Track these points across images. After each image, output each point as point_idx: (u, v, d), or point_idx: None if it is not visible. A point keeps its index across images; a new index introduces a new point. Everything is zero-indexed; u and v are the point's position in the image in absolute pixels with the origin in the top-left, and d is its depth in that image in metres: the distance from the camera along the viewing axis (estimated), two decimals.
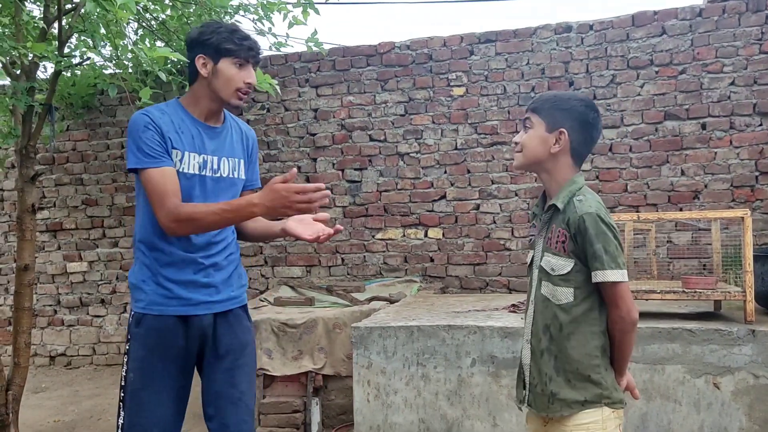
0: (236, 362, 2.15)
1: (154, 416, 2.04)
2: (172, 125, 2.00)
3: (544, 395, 1.69)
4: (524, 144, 1.75)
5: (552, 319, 1.69)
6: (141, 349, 2.04)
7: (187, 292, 2.03)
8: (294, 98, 5.11)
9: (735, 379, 2.39)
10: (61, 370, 5.55)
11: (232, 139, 2.13)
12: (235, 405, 2.15)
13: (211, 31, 2.04)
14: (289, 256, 5.14)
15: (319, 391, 4.03)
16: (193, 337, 2.07)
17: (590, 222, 1.61)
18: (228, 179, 2.10)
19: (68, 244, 5.60)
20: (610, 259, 1.60)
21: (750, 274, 2.46)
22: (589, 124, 1.74)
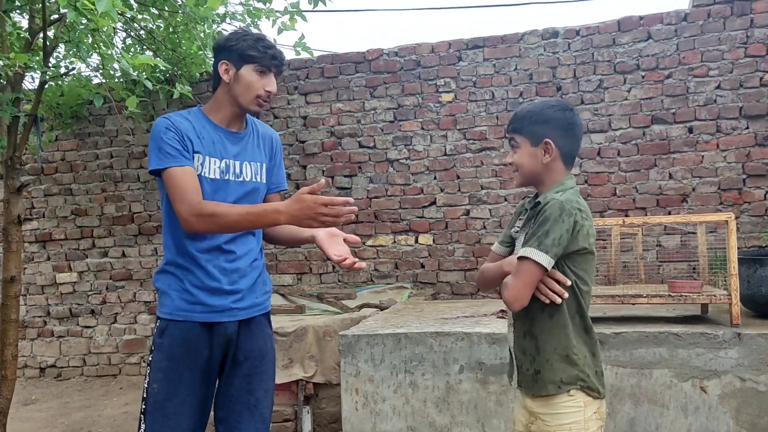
0: (255, 369, 2.14)
1: (179, 427, 2.03)
2: (194, 131, 2.02)
3: (529, 374, 1.76)
4: (518, 164, 1.81)
5: (532, 303, 1.72)
6: (165, 359, 2.03)
7: (213, 298, 2.02)
8: (283, 105, 5.11)
9: (722, 383, 2.39)
10: (51, 381, 5.51)
11: (254, 143, 2.13)
12: (251, 412, 2.14)
13: (237, 38, 2.07)
14: (280, 263, 5.12)
15: (310, 400, 4.01)
16: (217, 346, 2.06)
17: (553, 208, 1.65)
18: (251, 183, 2.10)
19: (57, 254, 5.57)
20: (541, 241, 1.64)
21: (735, 277, 2.46)
22: (568, 125, 1.77)
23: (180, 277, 2.07)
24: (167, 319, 2.08)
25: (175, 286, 2.08)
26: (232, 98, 2.08)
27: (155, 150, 2.00)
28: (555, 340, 1.72)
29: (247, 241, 2.15)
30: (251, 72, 2.04)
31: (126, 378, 5.45)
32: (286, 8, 4.27)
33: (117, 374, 5.52)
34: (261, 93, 2.05)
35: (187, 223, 1.95)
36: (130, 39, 4.55)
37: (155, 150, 2.00)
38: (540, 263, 1.63)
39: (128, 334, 5.49)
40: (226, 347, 2.11)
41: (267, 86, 2.06)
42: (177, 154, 1.98)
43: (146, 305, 5.48)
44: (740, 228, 4.23)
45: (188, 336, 2.06)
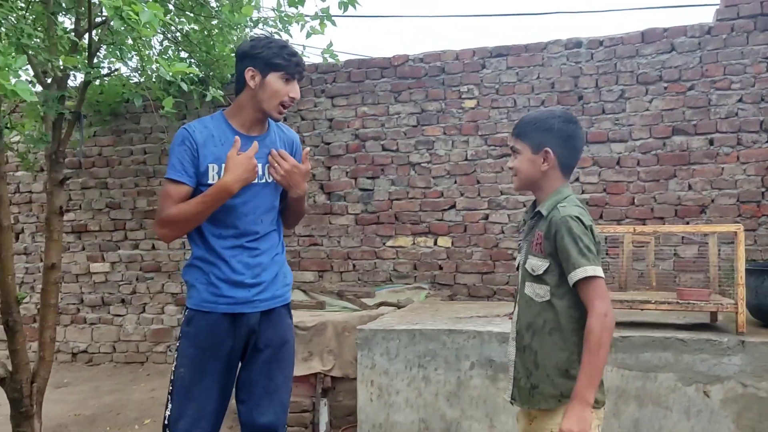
0: (275, 356, 2.29)
1: (202, 410, 2.20)
2: (213, 138, 2.16)
3: (525, 388, 1.82)
4: (517, 169, 1.91)
5: (534, 317, 1.82)
6: (191, 347, 2.20)
7: (237, 290, 2.18)
8: (310, 108, 5.27)
9: (724, 388, 2.47)
10: (83, 366, 5.75)
11: (275, 145, 2.27)
12: (270, 396, 2.29)
13: (262, 45, 2.20)
14: (303, 261, 5.28)
15: (328, 392, 4.16)
16: (240, 336, 2.22)
17: (569, 224, 1.74)
18: (272, 184, 2.25)
19: (92, 245, 5.81)
20: (583, 257, 1.70)
21: (741, 287, 2.54)
22: (569, 137, 1.87)
23: (206, 271, 2.23)
24: (194, 310, 2.24)
25: (202, 279, 2.24)
26: (256, 103, 2.21)
27: (170, 157, 2.20)
28: (556, 356, 1.78)
29: (269, 237, 2.31)
30: (277, 79, 2.18)
31: (153, 365, 5.66)
32: (316, 13, 4.42)
33: (144, 361, 5.73)
34: (285, 100, 2.20)
35: (158, 234, 2.22)
36: (167, 41, 4.75)
37: (170, 157, 2.20)
38: (596, 274, 1.69)
39: (156, 324, 5.70)
40: (248, 336, 2.27)
41: (291, 93, 2.20)
42: (180, 169, 2.15)
43: (173, 297, 5.68)
44: (757, 240, 4.28)
45: (213, 326, 2.22)
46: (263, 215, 2.28)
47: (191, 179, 2.17)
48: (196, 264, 2.27)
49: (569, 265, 1.72)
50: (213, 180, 2.18)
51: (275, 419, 2.30)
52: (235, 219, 2.22)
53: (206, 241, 2.24)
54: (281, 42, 2.24)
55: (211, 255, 2.22)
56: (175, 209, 2.15)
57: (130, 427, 4.52)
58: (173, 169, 2.17)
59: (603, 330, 1.68)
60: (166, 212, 2.15)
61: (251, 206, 2.24)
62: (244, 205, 2.23)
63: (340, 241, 5.23)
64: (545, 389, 1.79)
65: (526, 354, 1.85)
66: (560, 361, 1.78)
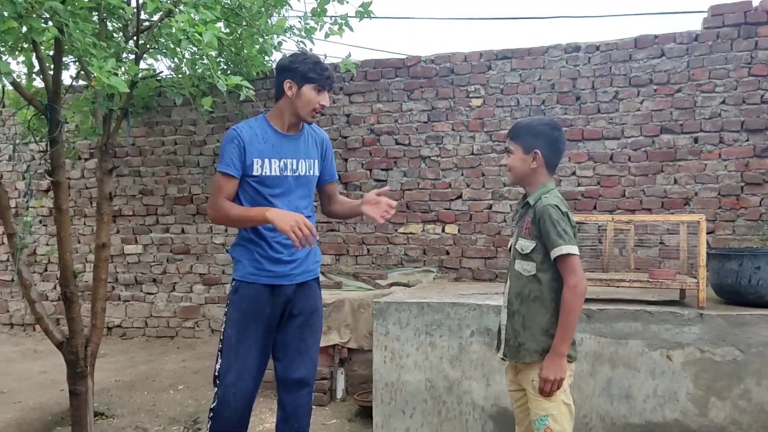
0: (306, 322, 2.73)
1: (246, 365, 2.64)
2: (257, 137, 2.60)
3: (514, 346, 2.27)
4: (511, 166, 2.35)
5: (522, 288, 2.27)
6: (237, 312, 2.65)
7: (276, 266, 2.62)
8: (329, 104, 5.70)
9: (685, 353, 2.90)
10: (117, 340, 6.25)
11: (307, 143, 2.71)
12: (302, 355, 2.74)
13: (299, 61, 2.63)
14: (321, 245, 5.73)
15: (344, 363, 4.63)
16: (278, 304, 2.66)
17: (550, 211, 2.18)
18: (305, 177, 2.69)
19: (126, 228, 6.30)
20: (560, 238, 2.14)
21: (703, 268, 2.97)
22: (554, 141, 2.31)
23: (251, 249, 2.68)
24: (240, 281, 2.70)
25: (247, 256, 2.69)
26: (292, 109, 2.65)
27: (221, 154, 2.64)
28: (538, 319, 2.22)
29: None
30: (311, 90, 2.62)
31: (182, 339, 6.16)
32: (336, 20, 4.85)
33: (174, 336, 6.23)
34: (317, 107, 2.63)
35: (208, 214, 2.68)
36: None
37: (221, 154, 2.64)
38: (573, 252, 2.14)
39: (185, 302, 6.19)
40: (285, 305, 2.72)
41: (322, 101, 2.64)
42: (230, 163, 2.59)
43: (201, 277, 6.16)
44: (736, 230, 4.69)
45: (256, 295, 2.67)
46: (297, 204, 2.72)
47: (238, 172, 2.62)
48: (242, 243, 2.72)
49: (550, 244, 2.17)
50: (257, 172, 2.62)
51: (306, 374, 2.76)
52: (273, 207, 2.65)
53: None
54: (315, 58, 2.68)
55: (255, 236, 2.67)
56: (224, 206, 2.59)
57: (165, 392, 5.00)
58: (224, 163, 2.62)
59: (573, 297, 2.13)
60: (218, 203, 2.61)
61: (287, 198, 2.68)
62: (282, 196, 2.67)
63: (356, 227, 5.68)
64: (530, 346, 2.24)
65: (515, 318, 2.30)
66: (542, 323, 2.23)
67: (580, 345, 3.00)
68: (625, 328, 2.97)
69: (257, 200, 2.64)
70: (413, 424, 3.24)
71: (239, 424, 2.68)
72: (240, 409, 2.65)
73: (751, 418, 2.83)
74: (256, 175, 2.61)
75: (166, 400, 4.88)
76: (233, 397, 2.63)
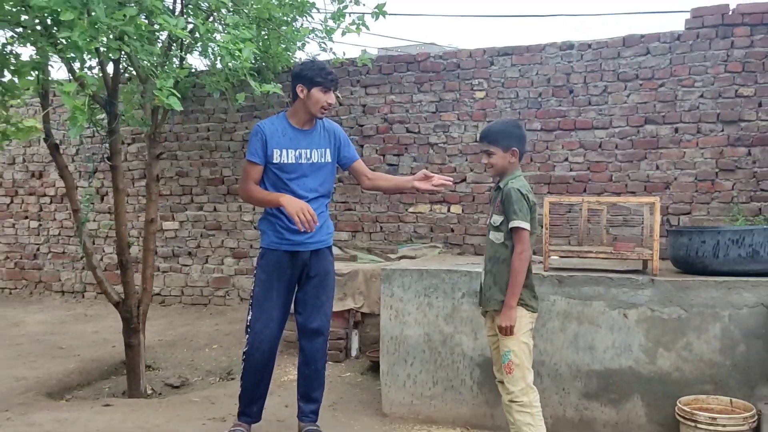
0: (321, 282, 3.37)
1: (270, 315, 3.30)
2: (278, 132, 3.22)
3: (486, 297, 2.90)
4: (494, 164, 2.95)
5: (494, 253, 2.89)
6: (263, 274, 3.30)
7: (294, 236, 3.25)
8: (346, 96, 6.30)
9: (638, 312, 3.47)
10: (158, 306, 6.96)
11: (320, 136, 3.33)
12: (318, 309, 3.38)
13: (308, 68, 3.24)
14: (339, 223, 6.37)
15: (358, 325, 5.28)
16: (296, 267, 3.30)
17: (512, 193, 2.79)
18: (318, 163, 3.29)
19: (164, 207, 6.98)
20: (515, 215, 2.76)
21: (657, 242, 3.52)
22: (522, 137, 2.93)
23: (273, 222, 3.32)
24: (265, 248, 3.34)
25: (271, 228, 3.33)
26: (305, 108, 3.26)
27: (249, 145, 3.26)
28: (504, 277, 2.85)
29: (316, 201, 3.35)
30: (318, 92, 3.21)
31: (214, 307, 6.86)
32: (353, 20, 5.43)
33: (207, 304, 6.93)
34: (324, 105, 3.23)
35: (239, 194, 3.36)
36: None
37: (249, 145, 3.26)
38: (526, 228, 2.76)
39: (216, 273, 6.88)
40: (302, 268, 3.35)
41: (328, 100, 3.23)
42: (255, 153, 3.22)
43: (231, 251, 6.84)
44: (710, 212, 5.22)
45: (278, 260, 3.31)
46: (310, 185, 3.30)
47: (261, 160, 3.24)
48: (267, 217, 3.36)
49: (508, 218, 2.78)
50: (276, 160, 3.22)
51: (321, 324, 3.40)
52: (289, 192, 3.24)
53: None
54: (321, 65, 3.27)
55: (277, 212, 3.29)
56: (250, 188, 3.22)
57: (201, 350, 5.71)
58: (250, 153, 3.25)
59: (518, 262, 2.79)
60: (246, 186, 3.25)
61: (301, 181, 3.28)
62: (297, 180, 3.27)
63: (370, 207, 6.30)
64: (497, 297, 2.88)
65: (488, 276, 2.93)
66: (506, 279, 2.85)
67: (552, 305, 3.60)
68: (590, 291, 3.55)
69: (277, 183, 3.26)
70: (413, 371, 3.87)
71: (266, 363, 3.34)
72: (266, 351, 3.30)
73: (691, 365, 3.41)
74: (276, 162, 3.23)
75: (203, 356, 5.58)
76: (261, 342, 3.29)
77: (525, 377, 2.84)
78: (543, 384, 3.60)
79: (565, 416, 3.59)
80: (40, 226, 7.55)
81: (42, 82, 4.18)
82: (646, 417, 3.46)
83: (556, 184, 5.62)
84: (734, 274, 3.42)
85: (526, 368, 2.85)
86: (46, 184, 7.51)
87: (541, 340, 3.60)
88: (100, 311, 6.89)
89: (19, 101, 4.64)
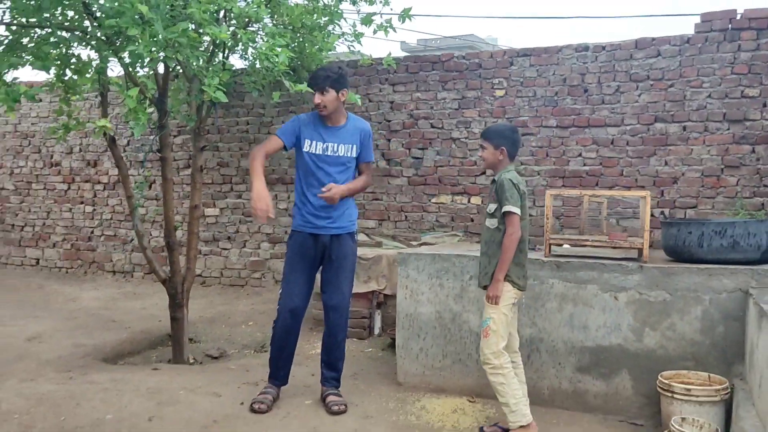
0: (341, 264, 3.81)
1: (294, 289, 3.78)
2: (311, 125, 3.72)
3: (482, 273, 3.36)
4: (485, 158, 3.43)
5: (489, 236, 3.32)
6: (290, 252, 3.80)
7: (317, 220, 3.72)
8: (375, 93, 6.74)
9: (627, 295, 3.84)
10: (198, 287, 7.52)
11: (349, 132, 3.77)
12: (336, 289, 3.84)
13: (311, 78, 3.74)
14: (366, 211, 6.82)
15: (381, 305, 5.74)
16: (319, 248, 3.77)
17: (504, 183, 3.22)
18: (342, 158, 3.73)
19: (206, 194, 7.54)
20: (507, 201, 3.19)
21: (647, 232, 3.88)
22: (514, 140, 3.34)
23: (300, 207, 3.79)
24: (293, 230, 3.82)
25: (298, 213, 3.81)
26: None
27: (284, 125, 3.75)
28: (496, 257, 3.28)
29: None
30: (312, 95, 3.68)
31: (251, 288, 7.41)
32: (381, 24, 5.85)
33: (244, 285, 7.48)
34: (314, 105, 3.69)
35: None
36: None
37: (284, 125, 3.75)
38: (516, 212, 3.19)
39: (253, 257, 7.42)
40: (323, 250, 3.81)
41: (315, 100, 3.68)
42: (285, 131, 3.73)
43: (267, 236, 7.37)
44: (715, 206, 5.51)
45: (303, 240, 3.79)
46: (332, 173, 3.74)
47: (286, 138, 3.72)
48: (296, 203, 3.84)
49: (501, 204, 3.21)
50: (306, 148, 3.71)
51: (338, 302, 3.85)
52: (315, 179, 3.72)
53: (302, 190, 3.80)
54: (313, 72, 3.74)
55: (303, 198, 3.77)
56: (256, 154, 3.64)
57: (238, 326, 6.25)
58: (281, 130, 3.75)
59: (508, 242, 3.23)
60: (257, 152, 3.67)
61: (324, 171, 3.73)
62: (321, 168, 3.73)
63: (396, 197, 6.74)
64: (490, 272, 3.31)
65: (485, 256, 3.38)
66: (497, 259, 3.28)
67: (551, 288, 3.99)
68: (585, 275, 3.93)
69: (306, 169, 3.75)
70: (425, 345, 4.32)
71: (288, 331, 3.83)
72: (289, 319, 3.78)
73: (674, 344, 3.77)
74: (305, 150, 3.73)
75: (240, 332, 6.12)
76: (284, 311, 3.79)
77: (498, 343, 3.31)
78: (541, 358, 4.01)
79: (560, 388, 3.99)
80: (94, 211, 8.22)
81: (103, 83, 4.73)
82: (633, 389, 3.83)
83: (570, 178, 5.97)
84: (717, 263, 3.76)
85: (500, 335, 3.31)
86: (100, 172, 8.17)
87: (540, 319, 4.01)
88: (146, 290, 7.51)
89: (78, 96, 5.22)
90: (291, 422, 3.66)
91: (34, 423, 3.55)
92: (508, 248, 3.23)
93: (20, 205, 8.64)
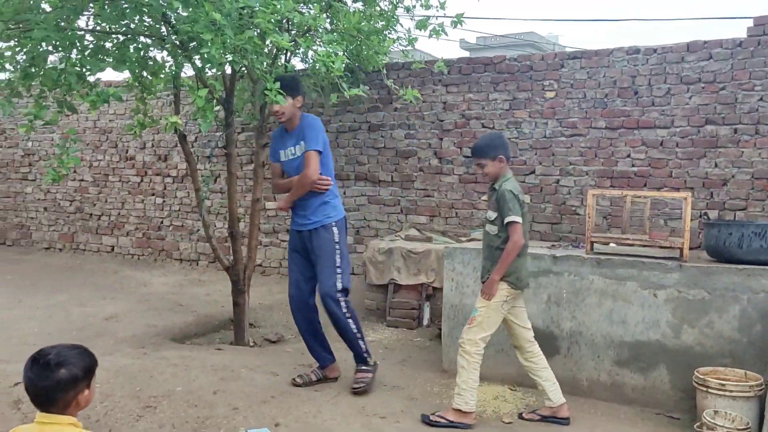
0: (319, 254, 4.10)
1: (291, 279, 4.28)
2: (278, 137, 4.22)
3: (484, 271, 3.64)
4: (488, 173, 3.65)
5: (489, 242, 3.61)
6: (289, 247, 4.30)
7: (298, 218, 4.17)
8: (429, 93, 6.99)
9: (666, 293, 3.97)
10: (258, 276, 7.94)
11: (296, 135, 4.12)
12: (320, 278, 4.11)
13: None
14: (418, 208, 7.09)
15: (430, 297, 6.00)
16: (302, 243, 4.19)
17: (505, 194, 3.47)
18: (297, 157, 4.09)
19: (267, 188, 7.91)
20: (509, 211, 3.45)
21: (688, 232, 4.00)
22: (505, 145, 3.67)
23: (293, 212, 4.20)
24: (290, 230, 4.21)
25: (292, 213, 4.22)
26: None
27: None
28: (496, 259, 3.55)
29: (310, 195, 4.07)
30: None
31: None
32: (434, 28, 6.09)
33: None
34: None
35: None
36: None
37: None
38: (518, 221, 3.44)
39: None
40: (305, 243, 4.17)
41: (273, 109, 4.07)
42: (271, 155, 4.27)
43: None
44: (765, 209, 5.52)
45: (293, 237, 4.28)
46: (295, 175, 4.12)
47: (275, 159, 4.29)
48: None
49: (503, 215, 3.46)
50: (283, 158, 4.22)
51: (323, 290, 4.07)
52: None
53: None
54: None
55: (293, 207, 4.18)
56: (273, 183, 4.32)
57: None
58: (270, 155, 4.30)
59: (511, 246, 3.50)
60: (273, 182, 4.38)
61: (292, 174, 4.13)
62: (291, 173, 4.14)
63: (447, 194, 6.97)
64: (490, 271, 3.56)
65: (487, 259, 3.66)
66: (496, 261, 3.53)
67: (591, 284, 4.16)
68: (625, 272, 4.08)
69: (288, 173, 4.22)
70: None
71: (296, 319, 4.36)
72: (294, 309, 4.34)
73: (712, 341, 3.88)
74: (282, 160, 4.20)
75: None
76: (289, 298, 4.32)
77: (477, 333, 3.60)
78: (581, 351, 4.19)
79: (599, 380, 4.16)
80: (164, 202, 8.78)
81: (176, 83, 5.15)
82: (670, 384, 3.97)
83: (618, 179, 6.07)
84: (756, 263, 3.86)
85: (483, 328, 3.61)
86: (170, 166, 8.71)
87: (580, 313, 4.19)
88: (210, 277, 7.99)
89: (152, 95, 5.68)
90: (341, 401, 3.98)
91: (114, 392, 3.96)
92: (510, 254, 3.52)
93: (98, 196, 9.29)
